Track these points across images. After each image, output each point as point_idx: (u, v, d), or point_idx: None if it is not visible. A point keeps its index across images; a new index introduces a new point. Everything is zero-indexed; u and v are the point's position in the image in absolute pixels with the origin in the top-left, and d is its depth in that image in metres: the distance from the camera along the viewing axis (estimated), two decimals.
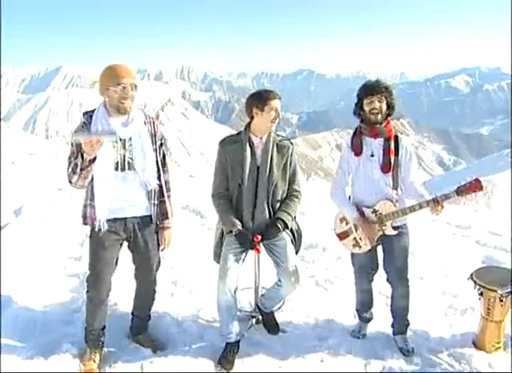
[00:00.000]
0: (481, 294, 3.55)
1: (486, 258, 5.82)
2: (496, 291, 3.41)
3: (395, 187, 3.38)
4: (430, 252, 5.89)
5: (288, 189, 3.50)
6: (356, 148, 3.42)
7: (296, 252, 3.61)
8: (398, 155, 3.37)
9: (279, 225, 3.38)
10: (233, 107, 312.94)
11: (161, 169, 3.24)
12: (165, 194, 3.28)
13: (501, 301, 3.45)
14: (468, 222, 7.87)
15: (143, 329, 3.63)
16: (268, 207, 3.41)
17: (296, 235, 3.60)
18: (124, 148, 3.07)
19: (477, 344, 3.66)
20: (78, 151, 2.86)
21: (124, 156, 3.07)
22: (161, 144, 3.25)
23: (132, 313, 3.63)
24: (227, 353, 3.41)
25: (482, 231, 7.43)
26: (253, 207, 3.39)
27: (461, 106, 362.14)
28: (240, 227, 3.35)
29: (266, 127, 3.38)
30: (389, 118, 3.43)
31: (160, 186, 3.23)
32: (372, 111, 3.33)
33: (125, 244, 3.31)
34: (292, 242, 3.54)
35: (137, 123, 3.09)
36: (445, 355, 3.57)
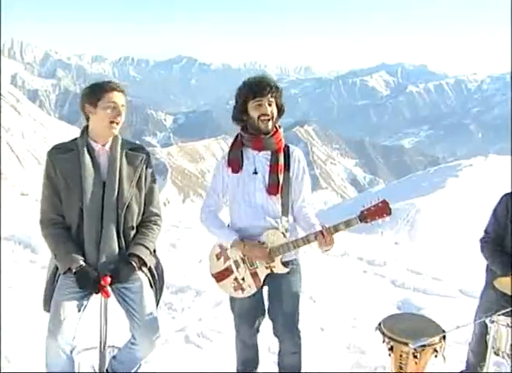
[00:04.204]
0: (391, 348, 3.71)
1: (402, 303, 6.15)
2: (407, 344, 3.56)
3: (285, 213, 3.43)
4: (335, 296, 6.11)
5: (144, 212, 3.45)
6: (235, 163, 3.44)
7: (157, 299, 3.58)
8: (288, 171, 3.43)
9: (134, 263, 3.31)
10: None
11: None
12: None
13: (415, 357, 3.61)
14: (384, 257, 8.29)
15: None
16: (119, 236, 3.34)
17: (156, 274, 3.56)
18: None
19: None
20: None
21: None
22: None
23: None
24: None
25: (399, 268, 7.86)
26: (98, 237, 3.29)
27: (379, 111, 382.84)
28: (82, 262, 3.25)
29: (106, 130, 3.29)
30: (278, 124, 3.47)
31: None
32: (262, 117, 3.33)
33: None
34: (150, 284, 3.50)
35: None
36: None
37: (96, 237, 3.28)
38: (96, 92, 3.23)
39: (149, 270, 3.49)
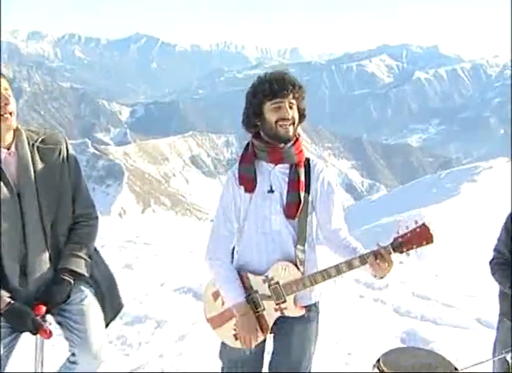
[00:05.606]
0: None
1: (407, 334, 6.16)
2: None
3: (301, 241, 3.33)
4: (325, 327, 6.08)
5: (73, 211, 3.39)
6: (247, 181, 3.33)
7: (109, 322, 3.57)
8: (309, 189, 3.34)
9: (67, 278, 3.28)
10: (21, 89, 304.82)
11: None
12: None
13: None
14: (385, 279, 8.26)
15: None
16: (51, 251, 3.30)
17: (101, 286, 3.53)
18: None
19: None
20: None
21: None
22: None
23: None
24: None
25: (404, 292, 7.88)
26: (24, 261, 3.22)
27: (380, 102, 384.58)
28: (8, 299, 3.16)
29: (2, 130, 3.16)
30: (297, 133, 3.36)
31: None
32: (281, 122, 3.23)
33: None
34: (97, 294, 3.48)
35: None
36: None
37: (20, 263, 3.22)
38: None
39: (91, 276, 3.47)
